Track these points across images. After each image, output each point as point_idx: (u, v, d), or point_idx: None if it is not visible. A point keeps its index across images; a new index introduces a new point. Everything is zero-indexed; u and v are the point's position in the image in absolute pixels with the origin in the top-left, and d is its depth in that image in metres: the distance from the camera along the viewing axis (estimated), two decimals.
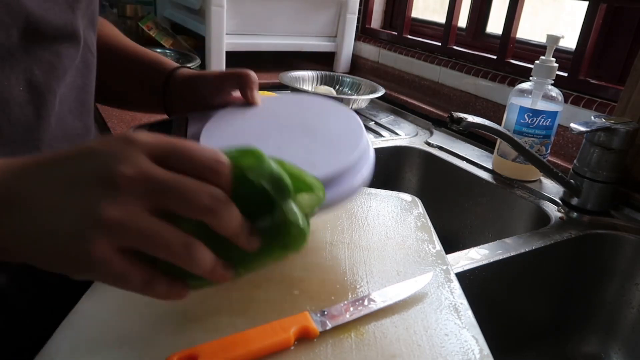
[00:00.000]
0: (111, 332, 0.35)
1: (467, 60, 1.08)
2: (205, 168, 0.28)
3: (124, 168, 0.26)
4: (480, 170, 0.83)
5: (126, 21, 1.44)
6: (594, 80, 0.85)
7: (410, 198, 0.60)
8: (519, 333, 0.69)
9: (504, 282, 0.61)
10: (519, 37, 1.00)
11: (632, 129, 0.65)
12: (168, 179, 0.27)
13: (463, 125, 0.64)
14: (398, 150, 0.92)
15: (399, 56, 1.25)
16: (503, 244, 0.61)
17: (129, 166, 0.26)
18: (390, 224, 0.53)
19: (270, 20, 1.24)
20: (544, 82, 0.74)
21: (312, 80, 1.15)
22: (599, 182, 0.68)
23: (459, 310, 0.40)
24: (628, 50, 0.82)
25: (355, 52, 1.38)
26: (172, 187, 0.26)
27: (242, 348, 0.33)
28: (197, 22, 1.26)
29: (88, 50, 0.47)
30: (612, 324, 0.69)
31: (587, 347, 0.70)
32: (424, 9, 1.32)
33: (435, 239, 0.51)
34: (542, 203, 0.73)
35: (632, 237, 0.66)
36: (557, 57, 0.74)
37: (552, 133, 0.75)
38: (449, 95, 1.10)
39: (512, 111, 0.76)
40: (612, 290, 0.69)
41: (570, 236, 0.65)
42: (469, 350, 0.36)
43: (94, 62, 0.49)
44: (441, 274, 0.45)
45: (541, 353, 0.71)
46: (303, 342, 0.35)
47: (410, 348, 0.35)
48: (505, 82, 0.97)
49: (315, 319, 0.36)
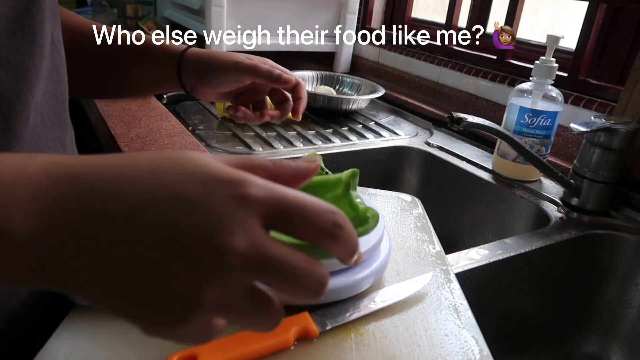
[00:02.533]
0: (111, 332, 0.35)
1: (467, 60, 1.08)
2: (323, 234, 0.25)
3: (236, 241, 0.22)
4: (480, 170, 0.83)
5: (126, 21, 1.45)
6: (594, 80, 0.85)
7: (410, 198, 0.60)
8: (519, 333, 0.69)
9: (504, 282, 0.61)
10: (519, 37, 1.00)
11: (632, 129, 0.65)
12: (283, 259, 0.23)
13: (463, 125, 0.64)
14: (398, 150, 0.92)
15: (399, 56, 1.25)
16: (503, 244, 0.61)
17: (241, 239, 0.22)
18: (390, 224, 0.53)
19: (270, 20, 1.24)
20: (544, 82, 0.74)
21: (312, 80, 1.15)
22: (599, 183, 0.68)
23: (459, 311, 0.40)
24: (628, 50, 0.82)
25: (355, 52, 1.38)
26: (286, 270, 0.23)
27: (242, 348, 0.33)
28: (197, 22, 1.26)
29: (55, 49, 0.41)
30: (612, 324, 0.69)
31: (587, 347, 0.70)
32: (424, 9, 1.32)
33: (435, 239, 0.51)
34: (542, 203, 0.73)
35: (632, 237, 0.66)
36: (557, 57, 0.74)
37: (552, 133, 0.75)
38: (449, 95, 1.10)
39: (512, 111, 0.76)
40: (612, 290, 0.69)
41: (570, 236, 0.65)
42: (469, 351, 0.36)
43: (62, 63, 0.43)
44: (441, 274, 0.45)
45: (541, 353, 0.70)
46: (303, 342, 0.35)
47: (410, 348, 0.35)
48: (505, 82, 0.97)
49: (315, 319, 0.36)
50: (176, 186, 0.22)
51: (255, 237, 0.23)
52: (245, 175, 0.24)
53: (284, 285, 0.24)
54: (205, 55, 0.59)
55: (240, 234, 0.22)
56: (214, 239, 0.22)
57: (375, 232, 0.40)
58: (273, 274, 0.23)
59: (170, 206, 0.22)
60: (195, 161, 0.24)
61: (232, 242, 0.22)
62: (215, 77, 0.57)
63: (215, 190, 0.23)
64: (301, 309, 0.37)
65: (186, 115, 0.94)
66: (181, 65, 0.58)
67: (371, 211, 0.39)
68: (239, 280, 0.23)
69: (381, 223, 0.42)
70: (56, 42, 0.42)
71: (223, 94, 0.62)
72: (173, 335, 0.23)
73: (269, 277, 0.23)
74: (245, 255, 0.22)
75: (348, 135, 0.92)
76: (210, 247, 0.22)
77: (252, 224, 0.23)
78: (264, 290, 0.24)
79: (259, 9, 1.21)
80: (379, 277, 0.42)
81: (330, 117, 1.01)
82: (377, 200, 0.58)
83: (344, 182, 0.41)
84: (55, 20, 0.41)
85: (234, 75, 0.57)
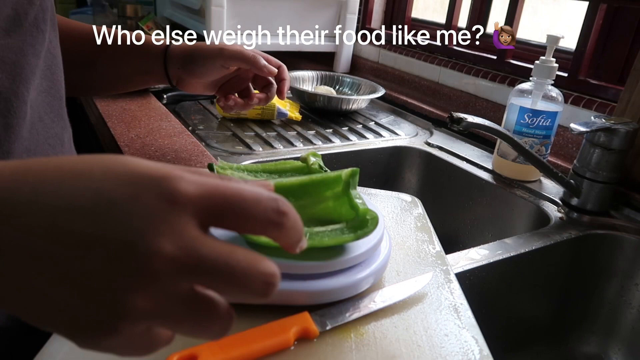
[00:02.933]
0: None
1: (467, 60, 1.08)
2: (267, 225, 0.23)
3: (163, 245, 0.20)
4: (480, 170, 0.83)
5: (126, 21, 1.45)
6: (594, 80, 0.85)
7: (410, 198, 0.60)
8: (519, 333, 0.69)
9: (503, 282, 0.61)
10: (519, 37, 1.00)
11: (632, 129, 0.65)
12: (217, 260, 0.21)
13: (463, 125, 0.64)
14: (398, 150, 0.92)
15: (399, 56, 1.25)
16: (503, 244, 0.61)
17: (169, 242, 0.21)
18: (390, 224, 0.53)
19: (270, 20, 1.24)
20: (544, 83, 0.74)
21: (312, 80, 1.15)
22: (599, 183, 0.68)
23: (459, 311, 0.40)
24: (628, 50, 0.82)
25: (355, 52, 1.38)
26: (222, 271, 0.21)
27: (242, 348, 0.33)
28: (197, 22, 1.26)
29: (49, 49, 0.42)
30: (612, 324, 0.69)
31: (587, 347, 0.70)
32: (424, 9, 1.32)
33: (435, 239, 0.51)
34: (542, 203, 0.73)
35: (632, 237, 0.66)
36: (557, 57, 0.74)
37: (552, 133, 0.75)
38: (449, 95, 1.10)
39: (512, 111, 0.76)
40: (612, 290, 0.69)
41: (570, 236, 0.65)
42: (469, 351, 0.36)
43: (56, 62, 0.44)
44: (441, 274, 0.45)
45: (541, 353, 0.70)
46: (303, 342, 0.35)
47: (410, 348, 0.35)
48: (505, 82, 0.97)
49: (315, 319, 0.36)
50: (101, 188, 0.21)
51: (186, 238, 0.21)
52: (173, 170, 0.22)
53: (224, 288, 0.22)
54: (190, 46, 0.60)
55: (168, 235, 0.21)
56: (140, 242, 0.20)
57: (375, 232, 0.40)
58: (209, 277, 0.21)
59: (94, 210, 0.21)
60: (122, 162, 0.22)
61: (159, 245, 0.20)
62: (201, 65, 0.59)
63: (141, 190, 0.21)
64: (301, 309, 0.37)
65: (186, 115, 0.94)
66: (167, 57, 0.60)
67: (371, 213, 0.39)
68: (172, 285, 0.21)
69: (381, 223, 0.42)
70: (50, 43, 0.42)
71: (208, 84, 0.63)
72: (108, 347, 0.22)
73: (206, 280, 0.22)
74: (174, 259, 0.21)
75: (348, 135, 0.92)
76: (136, 252, 0.20)
77: (183, 224, 0.21)
78: (205, 294, 0.22)
79: (259, 9, 1.21)
80: (379, 277, 0.42)
81: (330, 117, 1.01)
82: (377, 200, 0.58)
83: (344, 181, 0.41)
84: (51, 22, 0.42)
85: (219, 62, 0.58)
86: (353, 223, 0.40)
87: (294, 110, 0.98)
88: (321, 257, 0.38)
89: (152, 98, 0.94)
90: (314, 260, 0.37)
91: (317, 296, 0.38)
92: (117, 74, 0.63)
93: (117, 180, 0.21)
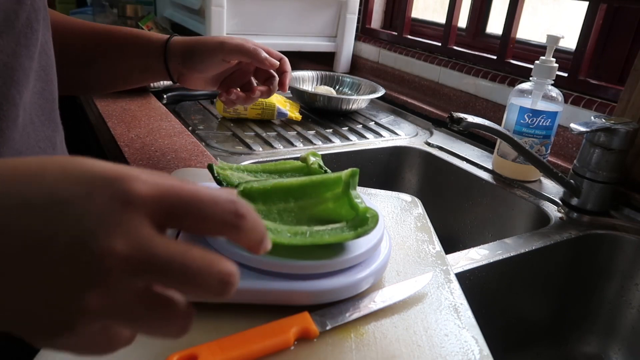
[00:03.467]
0: None
1: (467, 60, 1.08)
2: (224, 226, 0.23)
3: (116, 244, 0.20)
4: (480, 170, 0.83)
5: (126, 21, 1.44)
6: (594, 80, 0.85)
7: (410, 198, 0.60)
8: (519, 333, 0.69)
9: (503, 283, 0.61)
10: (519, 37, 1.00)
11: (632, 129, 0.65)
12: (171, 258, 0.22)
13: (463, 125, 0.64)
14: (398, 150, 0.92)
15: (399, 56, 1.25)
16: (503, 244, 0.61)
17: (122, 241, 0.21)
18: (390, 224, 0.53)
19: (270, 21, 1.24)
20: (544, 83, 0.74)
21: (312, 80, 1.15)
22: (599, 183, 0.68)
23: (459, 311, 0.40)
24: (628, 50, 0.83)
25: (355, 52, 1.38)
26: (175, 270, 0.22)
27: (242, 348, 0.33)
28: (197, 22, 1.26)
29: (43, 49, 0.41)
30: (612, 324, 0.69)
31: (587, 347, 0.70)
32: (424, 9, 1.32)
33: (435, 239, 0.51)
34: (542, 203, 0.73)
35: (632, 237, 0.66)
36: (557, 57, 0.74)
37: (552, 133, 0.75)
38: (449, 95, 1.10)
39: (512, 111, 0.76)
40: (612, 290, 0.69)
41: (570, 236, 0.65)
42: (469, 351, 0.36)
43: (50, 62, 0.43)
44: (441, 274, 0.45)
45: (541, 353, 0.71)
46: (303, 342, 0.35)
47: (410, 348, 0.35)
48: (505, 82, 0.97)
49: (315, 319, 0.36)
50: (54, 188, 0.21)
51: (139, 237, 0.21)
52: (129, 171, 0.22)
53: (180, 286, 0.22)
54: (191, 40, 0.60)
55: (121, 235, 0.21)
56: (92, 242, 0.20)
57: (375, 232, 0.40)
58: (164, 275, 0.22)
59: (46, 209, 0.21)
60: (78, 163, 0.22)
61: (111, 245, 0.20)
62: (202, 60, 0.58)
63: (95, 190, 0.21)
64: (301, 309, 0.37)
65: (186, 115, 0.94)
66: (167, 53, 0.59)
67: (371, 211, 0.39)
68: (126, 284, 0.21)
69: (381, 223, 0.42)
70: (44, 43, 0.42)
71: (210, 79, 0.62)
72: (65, 346, 0.22)
73: (161, 278, 0.22)
74: (127, 257, 0.21)
75: (348, 135, 0.92)
76: (88, 251, 0.20)
77: (136, 224, 0.21)
78: (161, 293, 0.22)
79: (259, 8, 1.21)
80: (379, 277, 0.42)
81: (330, 117, 1.01)
82: (377, 200, 0.58)
83: (344, 181, 0.42)
84: (44, 22, 0.41)
85: (220, 56, 0.57)
86: (353, 222, 0.40)
87: (294, 110, 0.98)
88: (321, 256, 0.38)
89: (152, 98, 0.94)
90: (314, 260, 0.37)
91: (317, 296, 0.38)
92: (117, 70, 0.62)
93: (71, 180, 0.21)
